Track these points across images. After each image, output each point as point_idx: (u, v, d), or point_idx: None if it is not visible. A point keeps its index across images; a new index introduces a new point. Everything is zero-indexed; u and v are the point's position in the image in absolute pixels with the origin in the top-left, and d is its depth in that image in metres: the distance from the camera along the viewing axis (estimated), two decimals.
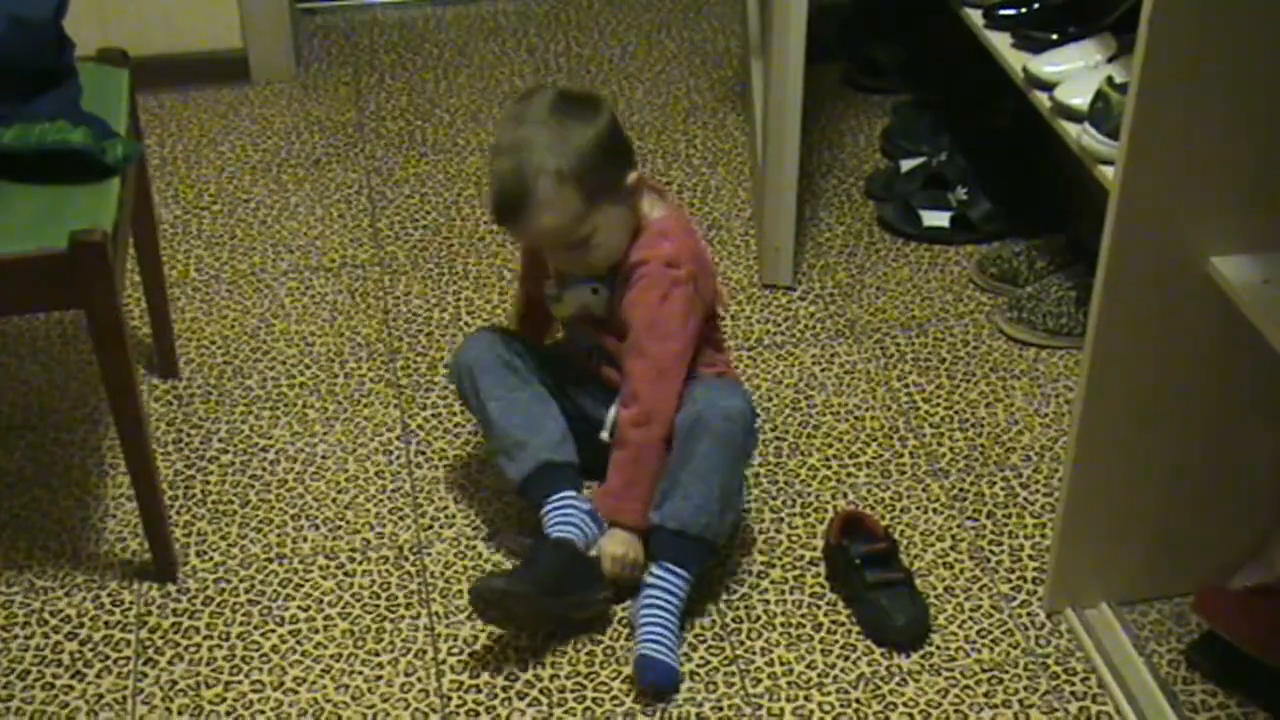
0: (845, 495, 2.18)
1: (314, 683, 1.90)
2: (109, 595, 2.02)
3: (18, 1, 1.91)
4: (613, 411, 2.00)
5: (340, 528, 2.12)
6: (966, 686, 1.89)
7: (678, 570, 1.91)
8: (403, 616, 1.98)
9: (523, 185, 1.87)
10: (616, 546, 1.96)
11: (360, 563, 2.06)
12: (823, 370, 2.41)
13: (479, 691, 1.88)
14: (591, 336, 2.06)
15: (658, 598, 1.91)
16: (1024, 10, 2.39)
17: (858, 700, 1.87)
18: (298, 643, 1.95)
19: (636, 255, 1.96)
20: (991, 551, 2.09)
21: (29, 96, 1.93)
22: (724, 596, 2.01)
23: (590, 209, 1.90)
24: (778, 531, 2.11)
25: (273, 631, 1.97)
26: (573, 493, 2.01)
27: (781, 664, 1.92)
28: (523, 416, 2.02)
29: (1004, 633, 1.96)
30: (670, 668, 1.87)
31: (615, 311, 1.99)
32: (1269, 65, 1.59)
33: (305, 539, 2.11)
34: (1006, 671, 1.91)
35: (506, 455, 2.03)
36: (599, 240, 1.93)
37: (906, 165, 2.81)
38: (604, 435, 2.02)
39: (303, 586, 2.03)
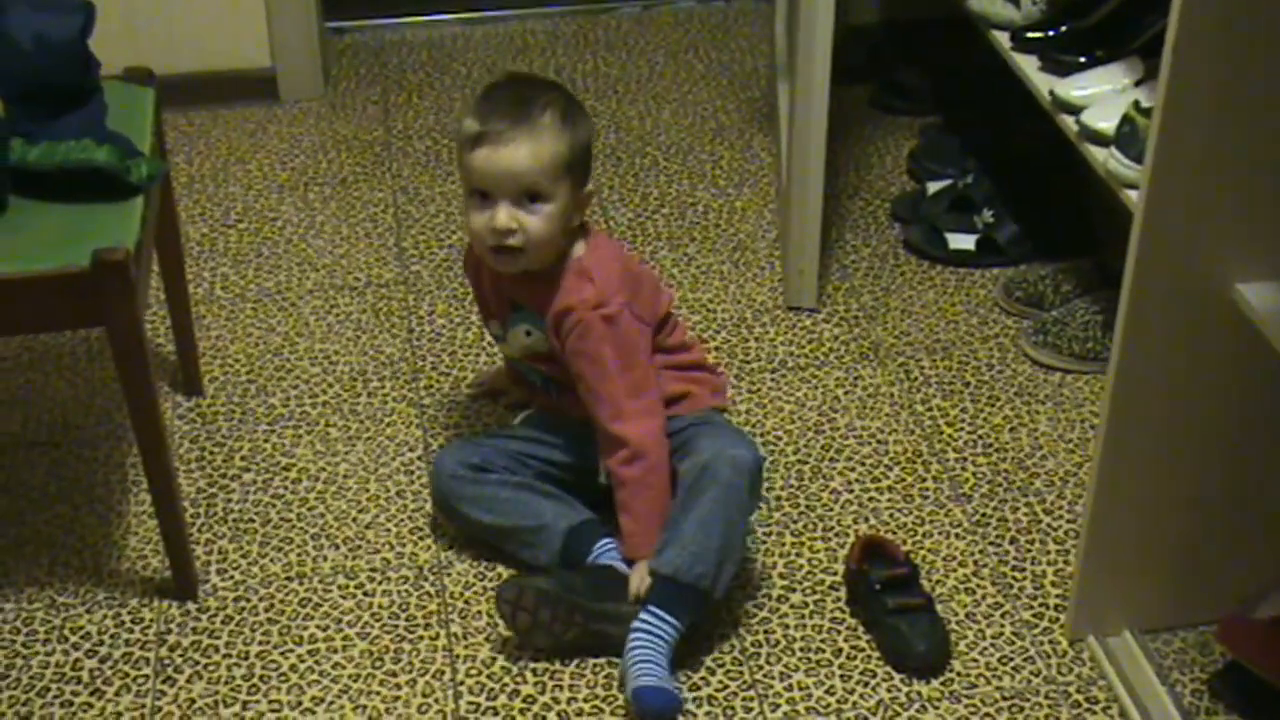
0: (867, 519, 2.16)
1: (332, 703, 1.89)
2: (129, 613, 2.02)
3: (44, 20, 1.92)
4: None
5: (360, 547, 2.12)
6: (987, 714, 1.87)
7: (665, 616, 1.88)
8: (421, 637, 1.98)
9: (529, 108, 1.92)
10: (645, 581, 1.95)
11: (380, 583, 2.06)
12: (846, 393, 2.40)
13: (496, 714, 1.88)
14: (543, 371, 2.08)
15: (643, 641, 1.87)
16: (1051, 33, 2.38)
17: None
18: (316, 662, 1.95)
19: (562, 302, 1.96)
20: (1014, 578, 2.07)
21: (55, 115, 1.94)
22: (743, 621, 2.00)
23: (562, 178, 1.93)
24: (798, 555, 2.10)
25: (291, 651, 1.97)
26: (609, 540, 2.01)
27: (800, 689, 1.91)
28: (523, 508, 2.03)
29: (1025, 660, 1.95)
30: (668, 692, 1.85)
31: (556, 354, 2.01)
32: None
33: (325, 558, 2.11)
34: (1028, 700, 1.89)
35: (529, 546, 2.03)
36: (543, 214, 1.92)
37: (933, 187, 2.80)
38: (601, 479, 2.03)
39: (322, 606, 2.03)
